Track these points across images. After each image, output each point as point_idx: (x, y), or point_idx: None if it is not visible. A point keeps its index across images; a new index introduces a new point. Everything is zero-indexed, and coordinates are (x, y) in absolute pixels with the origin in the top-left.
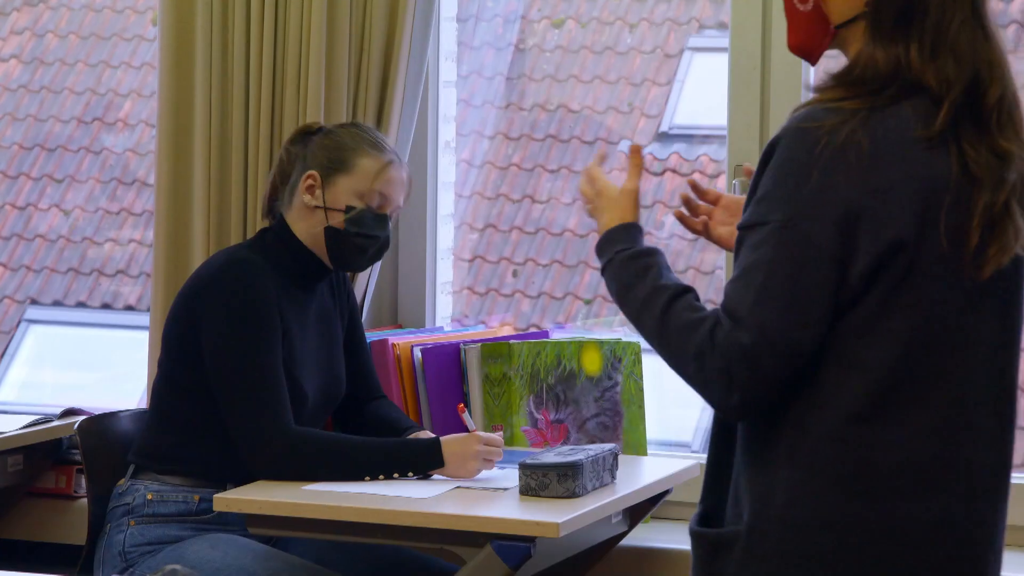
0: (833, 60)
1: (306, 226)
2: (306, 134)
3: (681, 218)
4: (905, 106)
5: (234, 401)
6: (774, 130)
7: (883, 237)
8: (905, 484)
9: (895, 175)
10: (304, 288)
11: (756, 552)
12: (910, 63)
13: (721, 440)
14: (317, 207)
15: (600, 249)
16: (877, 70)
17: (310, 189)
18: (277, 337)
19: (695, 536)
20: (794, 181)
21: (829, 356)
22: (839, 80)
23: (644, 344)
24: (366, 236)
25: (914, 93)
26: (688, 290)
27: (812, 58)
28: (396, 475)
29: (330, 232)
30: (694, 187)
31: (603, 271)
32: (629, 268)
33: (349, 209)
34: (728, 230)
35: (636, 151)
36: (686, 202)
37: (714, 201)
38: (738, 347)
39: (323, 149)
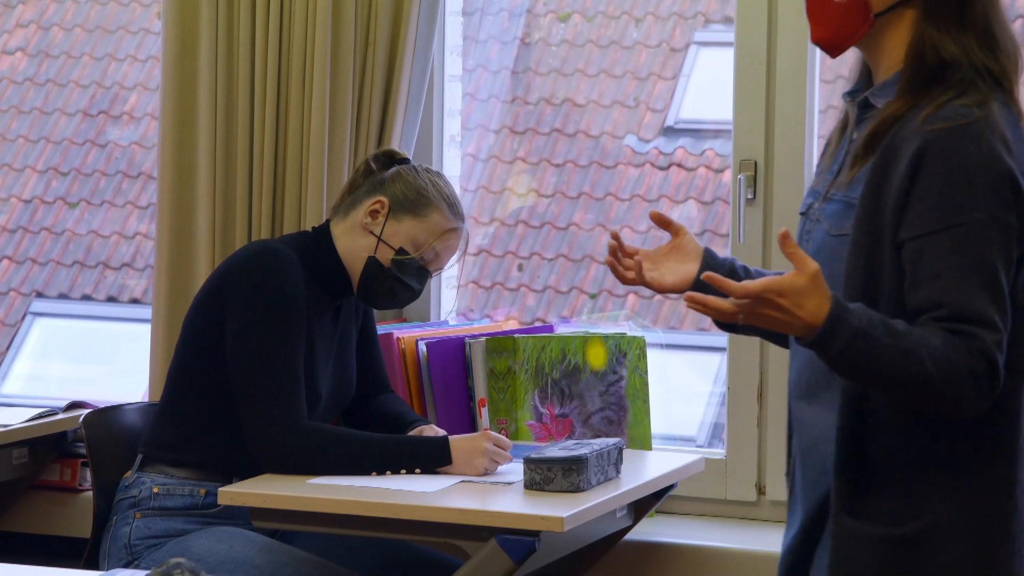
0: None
1: (351, 245)
2: (391, 159)
3: (612, 266)
4: (999, 96)
5: (250, 389)
6: (780, 125)
7: None
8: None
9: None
10: (327, 291)
11: (970, 541)
12: (974, 50)
13: (860, 439)
14: (372, 233)
15: (826, 339)
16: (953, 56)
17: (374, 214)
18: (302, 331)
19: (886, 540)
20: (976, 177)
21: None
22: (922, 77)
23: (649, 339)
24: (403, 283)
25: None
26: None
27: (838, 51)
28: (403, 471)
29: (372, 263)
30: (616, 239)
31: (842, 354)
32: (872, 334)
33: (401, 251)
34: (657, 274)
35: (785, 236)
36: (613, 252)
37: (633, 254)
38: (1000, 347)
39: (403, 184)
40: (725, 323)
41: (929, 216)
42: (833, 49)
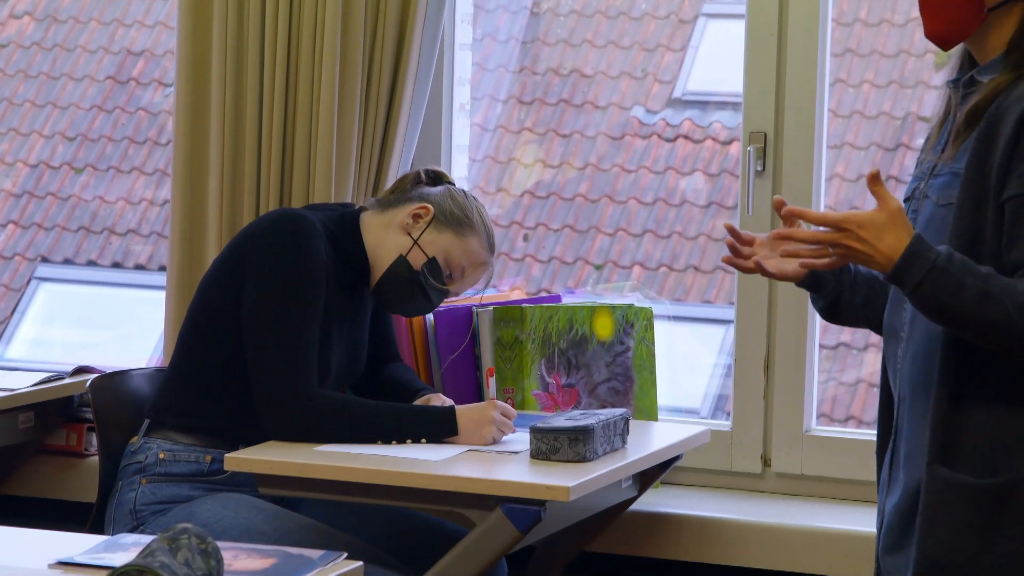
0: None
1: (381, 239)
2: (439, 178)
3: (731, 262)
4: None
5: (263, 354)
6: (790, 97)
7: None
8: None
9: None
10: (344, 266)
11: None
12: None
13: (955, 392)
14: (409, 235)
15: (903, 272)
16: None
17: (417, 217)
18: (321, 300)
19: (978, 489)
20: None
21: None
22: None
23: (657, 310)
24: (424, 292)
25: None
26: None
27: (951, 45)
28: (410, 440)
29: (401, 262)
30: (732, 232)
31: (918, 287)
32: (950, 270)
33: (433, 261)
34: (776, 262)
35: (875, 177)
36: (731, 247)
37: (750, 242)
38: None
39: (453, 201)
40: (831, 317)
41: None
42: (945, 43)
